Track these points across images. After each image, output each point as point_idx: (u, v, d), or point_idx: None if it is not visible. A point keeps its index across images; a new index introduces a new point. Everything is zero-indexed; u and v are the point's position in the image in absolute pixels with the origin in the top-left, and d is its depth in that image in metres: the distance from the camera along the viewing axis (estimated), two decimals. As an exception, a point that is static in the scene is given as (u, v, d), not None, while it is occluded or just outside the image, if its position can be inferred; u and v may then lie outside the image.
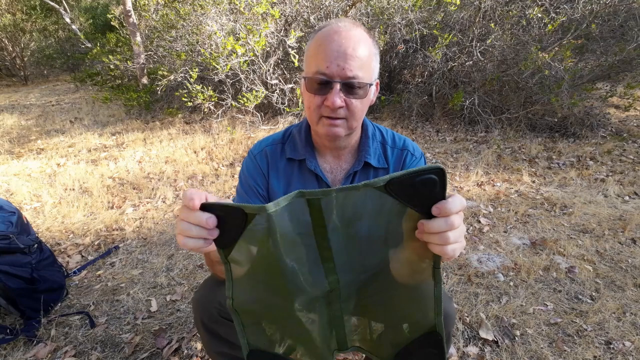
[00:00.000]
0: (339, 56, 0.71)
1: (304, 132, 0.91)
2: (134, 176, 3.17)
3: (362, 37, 0.74)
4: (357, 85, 0.73)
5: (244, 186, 0.93)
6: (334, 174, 0.92)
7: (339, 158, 0.91)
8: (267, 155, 0.93)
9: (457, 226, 0.49)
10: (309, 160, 0.89)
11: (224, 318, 0.86)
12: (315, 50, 0.75)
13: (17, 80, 8.87)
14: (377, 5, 4.17)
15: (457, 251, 0.51)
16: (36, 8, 8.72)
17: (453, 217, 0.48)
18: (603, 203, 2.55)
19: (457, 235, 0.49)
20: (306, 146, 0.90)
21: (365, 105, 0.79)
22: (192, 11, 4.07)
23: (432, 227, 0.49)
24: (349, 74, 0.72)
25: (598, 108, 3.99)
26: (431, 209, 0.48)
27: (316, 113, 0.78)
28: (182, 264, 2.00)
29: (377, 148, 0.92)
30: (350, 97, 0.75)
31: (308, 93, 0.77)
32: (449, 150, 3.60)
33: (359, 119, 0.80)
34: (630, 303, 1.64)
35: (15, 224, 1.66)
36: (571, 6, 3.76)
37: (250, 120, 4.34)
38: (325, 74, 0.73)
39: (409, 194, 0.49)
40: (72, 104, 6.16)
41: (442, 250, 0.50)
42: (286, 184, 0.92)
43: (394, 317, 0.66)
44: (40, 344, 1.45)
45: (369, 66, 0.75)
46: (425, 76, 4.40)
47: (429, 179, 0.46)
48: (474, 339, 1.46)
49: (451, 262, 1.95)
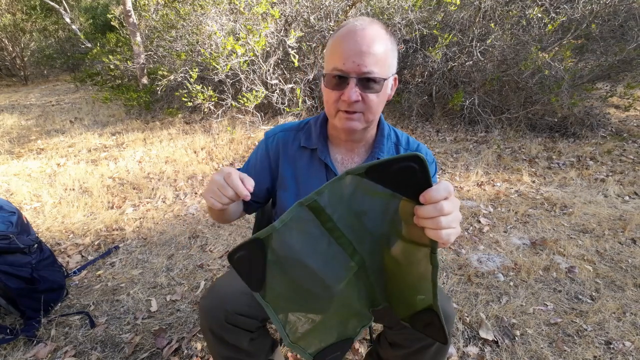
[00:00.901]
0: (355, 54, 0.74)
1: (320, 123, 0.94)
2: (134, 176, 3.17)
3: (378, 34, 0.76)
4: (372, 79, 0.76)
5: (251, 163, 0.99)
6: (344, 165, 0.94)
7: (352, 151, 0.94)
8: (278, 141, 0.96)
9: (447, 212, 0.51)
10: (321, 150, 0.92)
11: (230, 324, 0.87)
12: (333, 49, 0.78)
13: (17, 80, 8.87)
14: (377, 5, 4.17)
15: (451, 236, 0.54)
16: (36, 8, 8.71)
17: (442, 203, 0.51)
18: (603, 203, 2.55)
19: (449, 220, 0.52)
20: (320, 136, 0.93)
21: (382, 99, 0.81)
22: (192, 11, 4.07)
23: (423, 213, 0.52)
24: (364, 70, 0.74)
25: (598, 108, 3.99)
26: (420, 198, 0.52)
27: (334, 107, 0.81)
28: (182, 264, 2.00)
29: (391, 148, 0.94)
30: (366, 91, 0.77)
31: (327, 89, 0.80)
32: (449, 150, 3.60)
33: (376, 113, 0.82)
34: (630, 303, 1.64)
35: (15, 224, 1.66)
36: (571, 6, 3.76)
37: (250, 120, 4.34)
38: (342, 70, 0.76)
39: (393, 182, 0.53)
40: (72, 104, 6.16)
41: (437, 235, 0.53)
42: (293, 170, 0.95)
43: (406, 287, 0.70)
44: (40, 344, 1.45)
45: (384, 62, 0.77)
46: (425, 76, 4.39)
47: (407, 166, 0.50)
48: (474, 339, 1.46)
49: (451, 262, 1.95)
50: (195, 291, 1.78)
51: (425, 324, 0.67)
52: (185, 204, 2.68)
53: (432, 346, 0.84)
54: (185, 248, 2.15)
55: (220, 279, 0.97)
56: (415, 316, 0.68)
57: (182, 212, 2.57)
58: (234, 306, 0.87)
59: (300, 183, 0.95)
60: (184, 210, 2.59)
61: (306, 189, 0.94)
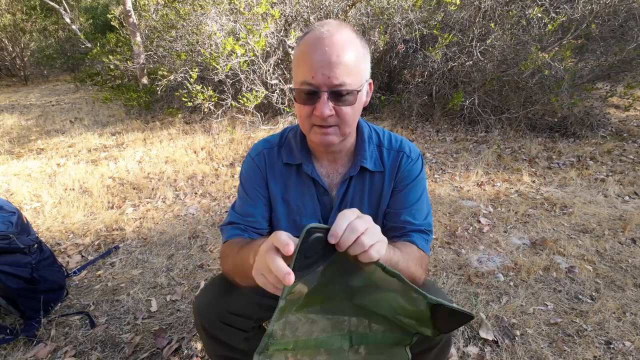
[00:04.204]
0: (324, 65, 0.69)
1: (299, 137, 0.91)
2: (134, 176, 3.17)
3: (348, 41, 0.71)
4: (344, 92, 0.72)
5: (246, 189, 0.93)
6: (330, 178, 0.91)
7: (335, 162, 0.91)
8: (265, 157, 0.93)
9: (361, 230, 0.54)
10: (306, 165, 0.89)
11: (224, 323, 0.87)
12: (300, 59, 0.73)
13: (17, 80, 8.87)
14: (377, 5, 4.17)
15: (381, 251, 0.57)
16: (36, 8, 8.71)
17: (350, 228, 0.53)
18: (603, 203, 2.55)
19: (369, 238, 0.54)
20: (302, 151, 0.90)
21: (357, 110, 0.78)
22: (192, 11, 4.07)
23: (344, 244, 0.53)
24: (335, 82, 0.70)
25: (598, 108, 3.98)
26: (329, 240, 0.54)
27: (307, 122, 0.77)
28: (182, 264, 2.00)
29: (374, 151, 0.90)
30: (339, 104, 0.73)
31: (297, 103, 0.76)
32: (449, 150, 3.60)
33: (351, 124, 0.79)
34: (630, 303, 1.63)
35: (15, 224, 1.66)
36: (571, 6, 3.76)
37: (250, 120, 4.34)
38: (311, 84, 0.71)
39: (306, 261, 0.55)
40: (72, 104, 6.17)
41: (368, 256, 0.55)
42: (283, 188, 0.92)
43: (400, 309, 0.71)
44: (40, 344, 1.45)
45: (357, 70, 0.73)
46: (425, 76, 4.39)
47: (317, 237, 0.54)
48: (474, 339, 1.46)
49: (451, 262, 1.95)
50: (195, 291, 1.78)
51: (446, 320, 0.66)
52: (185, 204, 2.68)
53: (434, 348, 0.84)
54: (185, 248, 2.15)
55: (215, 278, 0.96)
56: (435, 322, 0.67)
57: (182, 212, 2.57)
58: (228, 305, 0.86)
59: (291, 202, 0.92)
60: (184, 210, 2.59)
61: (299, 209, 0.92)
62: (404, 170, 0.90)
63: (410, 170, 0.90)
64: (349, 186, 0.90)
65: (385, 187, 0.90)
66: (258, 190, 0.92)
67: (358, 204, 0.91)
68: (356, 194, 0.91)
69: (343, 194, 0.90)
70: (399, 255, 0.71)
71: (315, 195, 0.91)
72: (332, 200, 0.91)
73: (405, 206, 0.89)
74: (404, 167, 0.90)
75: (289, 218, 0.93)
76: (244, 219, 0.91)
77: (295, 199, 0.92)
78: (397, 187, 0.90)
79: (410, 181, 0.90)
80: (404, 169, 0.90)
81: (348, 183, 0.90)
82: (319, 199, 0.91)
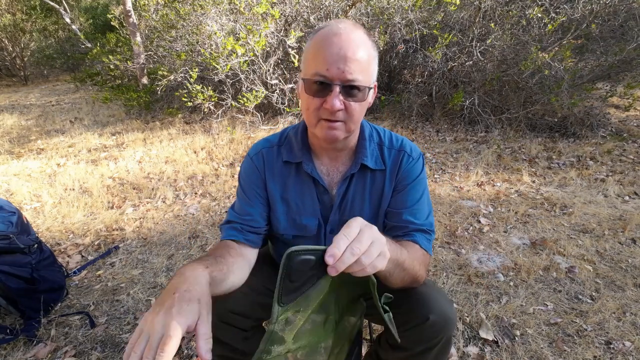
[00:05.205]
0: (340, 59, 0.70)
1: (300, 135, 0.91)
2: (134, 176, 3.17)
3: (363, 40, 0.73)
4: (356, 88, 0.73)
5: (244, 189, 0.93)
6: (330, 176, 0.91)
7: (336, 160, 0.91)
8: (263, 157, 0.92)
9: (361, 251, 0.54)
10: (306, 163, 0.88)
11: (223, 322, 0.87)
12: (314, 52, 0.73)
13: (17, 80, 8.87)
14: (377, 5, 4.17)
15: (378, 266, 0.57)
16: (36, 8, 8.71)
17: (350, 251, 0.53)
18: (603, 203, 2.55)
19: (367, 258, 0.55)
20: (302, 149, 0.89)
21: (364, 108, 0.78)
22: (192, 11, 4.07)
23: (342, 266, 0.53)
24: (349, 77, 0.71)
25: (598, 108, 3.98)
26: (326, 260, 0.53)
27: (315, 115, 0.77)
28: (182, 264, 2.00)
29: (375, 149, 0.90)
30: (349, 99, 0.74)
31: (306, 95, 0.76)
32: (449, 150, 3.60)
33: (357, 122, 0.80)
34: (630, 303, 1.64)
35: (15, 224, 1.66)
36: (571, 6, 3.76)
37: (250, 120, 4.34)
38: (325, 77, 0.72)
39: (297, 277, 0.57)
40: (72, 104, 6.17)
41: (364, 273, 0.56)
42: (283, 187, 0.92)
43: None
44: (40, 344, 1.45)
45: (368, 69, 0.74)
46: (425, 76, 4.39)
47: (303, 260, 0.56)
48: (474, 339, 1.46)
49: (451, 262, 1.95)
50: (195, 291, 1.77)
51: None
52: (185, 204, 2.68)
53: (434, 348, 0.83)
54: (185, 248, 2.15)
55: None
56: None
57: (182, 212, 2.57)
58: (227, 304, 0.86)
59: (290, 201, 0.92)
60: (184, 210, 2.59)
61: (299, 208, 0.92)
62: (404, 170, 0.90)
63: (411, 170, 0.90)
64: (349, 184, 0.90)
65: (386, 186, 0.90)
66: (256, 190, 0.92)
67: (359, 203, 0.91)
68: (357, 192, 0.91)
69: (343, 192, 0.90)
70: (405, 255, 0.72)
71: (315, 194, 0.91)
72: (332, 199, 0.91)
73: (406, 206, 0.89)
74: (405, 166, 0.90)
75: (289, 217, 0.93)
76: (241, 218, 0.91)
77: (294, 198, 0.92)
78: (398, 187, 0.90)
79: (411, 181, 0.90)
80: (404, 168, 0.90)
81: (349, 181, 0.90)
82: (318, 197, 0.91)
